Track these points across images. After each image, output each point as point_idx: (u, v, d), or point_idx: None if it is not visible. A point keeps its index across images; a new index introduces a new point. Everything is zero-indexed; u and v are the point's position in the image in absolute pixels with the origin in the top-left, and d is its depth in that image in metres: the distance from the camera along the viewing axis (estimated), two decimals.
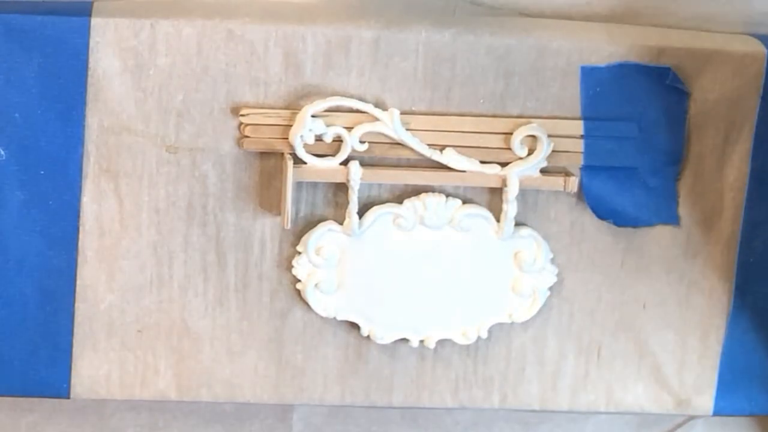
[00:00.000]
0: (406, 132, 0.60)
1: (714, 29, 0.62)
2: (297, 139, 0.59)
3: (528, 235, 0.63)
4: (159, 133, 0.60)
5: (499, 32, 0.60)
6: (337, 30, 0.59)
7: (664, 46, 0.61)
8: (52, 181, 0.60)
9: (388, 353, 0.65)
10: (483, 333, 0.64)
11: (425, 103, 0.60)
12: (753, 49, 0.61)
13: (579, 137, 0.61)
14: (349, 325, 0.64)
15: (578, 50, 0.60)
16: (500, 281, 0.64)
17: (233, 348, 0.63)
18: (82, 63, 0.58)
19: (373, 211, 0.62)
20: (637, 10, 0.62)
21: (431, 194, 0.62)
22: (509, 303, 0.64)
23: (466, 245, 0.63)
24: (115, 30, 0.58)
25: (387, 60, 0.60)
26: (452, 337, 0.64)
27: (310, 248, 0.62)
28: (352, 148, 0.60)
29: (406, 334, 0.64)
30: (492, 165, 0.61)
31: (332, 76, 0.60)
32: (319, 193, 0.62)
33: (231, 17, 0.59)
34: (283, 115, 0.60)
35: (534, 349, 0.65)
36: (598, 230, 0.63)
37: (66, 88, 0.58)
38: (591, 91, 0.61)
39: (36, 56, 0.58)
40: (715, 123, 0.62)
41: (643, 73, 0.61)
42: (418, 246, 0.63)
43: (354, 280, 0.63)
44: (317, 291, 0.63)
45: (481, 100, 0.61)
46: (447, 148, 0.61)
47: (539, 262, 0.63)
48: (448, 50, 0.60)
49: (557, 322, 0.65)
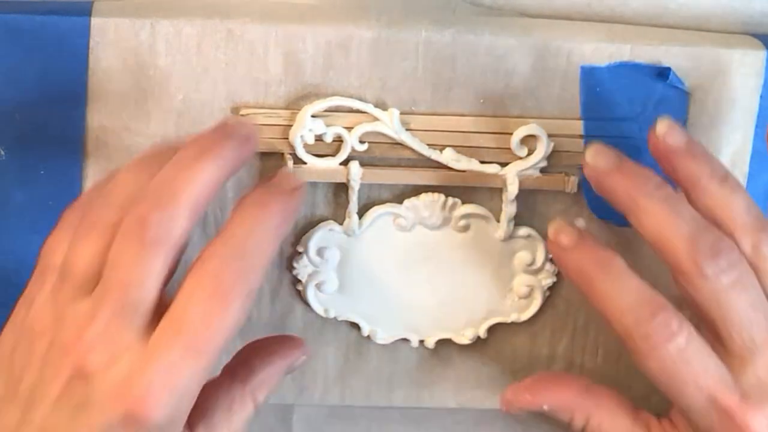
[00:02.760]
0: (406, 132, 0.60)
1: (714, 29, 0.62)
2: (297, 139, 0.59)
3: (527, 235, 0.63)
4: (159, 133, 0.60)
5: (499, 32, 0.60)
6: (337, 30, 0.59)
7: (664, 46, 0.61)
8: (52, 181, 0.60)
9: (389, 353, 0.65)
10: (483, 333, 0.64)
11: (425, 103, 0.60)
12: (753, 49, 0.61)
13: (579, 137, 0.61)
14: (350, 326, 0.64)
15: (578, 50, 0.60)
16: (500, 281, 0.64)
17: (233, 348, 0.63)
18: (82, 63, 0.58)
19: (373, 211, 0.62)
20: (637, 10, 0.62)
21: (431, 194, 0.62)
22: (509, 303, 0.64)
23: (465, 245, 0.63)
24: (115, 30, 0.58)
25: (387, 60, 0.59)
26: (452, 337, 0.64)
27: (311, 248, 0.62)
28: (352, 148, 0.60)
29: (406, 334, 0.64)
30: (492, 165, 0.61)
31: (332, 76, 0.60)
32: (319, 193, 0.62)
33: (231, 17, 0.59)
34: (283, 115, 0.60)
35: (534, 349, 0.65)
36: (598, 230, 0.63)
37: (66, 88, 0.58)
38: (591, 91, 0.61)
39: (36, 56, 0.58)
40: (715, 123, 0.62)
41: (643, 73, 0.61)
42: (418, 246, 0.63)
43: (354, 280, 0.63)
44: (318, 291, 0.63)
45: (481, 100, 0.61)
46: (447, 148, 0.61)
47: (539, 262, 0.63)
48: (449, 50, 0.60)
49: (557, 322, 0.65)
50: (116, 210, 0.51)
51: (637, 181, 0.55)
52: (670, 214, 0.54)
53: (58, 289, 0.51)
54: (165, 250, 0.49)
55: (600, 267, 0.55)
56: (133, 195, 0.50)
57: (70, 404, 0.49)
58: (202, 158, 0.50)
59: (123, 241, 0.50)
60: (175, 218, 0.49)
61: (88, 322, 0.49)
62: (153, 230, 0.49)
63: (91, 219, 0.51)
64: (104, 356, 0.49)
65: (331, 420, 0.67)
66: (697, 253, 0.53)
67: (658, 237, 0.54)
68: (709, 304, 0.54)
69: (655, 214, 0.54)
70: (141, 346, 0.49)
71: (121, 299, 0.49)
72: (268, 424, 0.66)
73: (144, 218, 0.49)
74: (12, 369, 0.51)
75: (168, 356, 0.49)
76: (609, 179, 0.56)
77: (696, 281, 0.53)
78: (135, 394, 0.49)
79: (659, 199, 0.54)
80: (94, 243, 0.51)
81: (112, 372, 0.49)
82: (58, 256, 0.52)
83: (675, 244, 0.54)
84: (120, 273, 0.49)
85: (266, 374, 0.58)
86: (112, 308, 0.49)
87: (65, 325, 0.50)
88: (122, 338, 0.49)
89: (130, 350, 0.49)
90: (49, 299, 0.51)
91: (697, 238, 0.53)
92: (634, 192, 0.55)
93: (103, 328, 0.49)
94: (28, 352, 0.51)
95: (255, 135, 0.52)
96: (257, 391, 0.57)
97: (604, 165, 0.56)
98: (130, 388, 0.49)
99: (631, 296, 0.54)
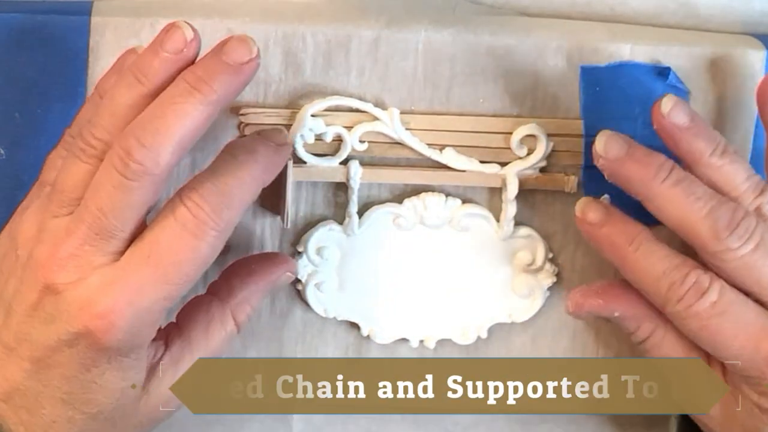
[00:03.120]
0: (405, 131, 0.60)
1: (714, 29, 0.62)
2: (297, 138, 0.59)
3: (527, 234, 0.63)
4: None
5: (499, 32, 0.60)
6: (337, 29, 0.59)
7: (664, 46, 0.61)
8: None
9: (388, 353, 0.65)
10: (483, 333, 0.64)
11: (425, 103, 0.60)
12: (753, 49, 0.61)
13: (579, 137, 0.61)
14: (349, 325, 0.64)
15: (578, 50, 0.60)
16: (500, 281, 0.64)
17: (233, 348, 0.63)
18: (81, 62, 0.58)
19: (372, 211, 0.62)
20: (637, 10, 0.62)
21: (431, 194, 0.62)
22: (509, 303, 0.64)
23: (465, 245, 0.63)
24: (114, 30, 0.58)
25: (387, 59, 0.60)
26: (452, 337, 0.64)
27: (310, 248, 0.62)
28: (352, 147, 0.60)
29: (405, 334, 0.64)
30: (492, 165, 0.61)
31: (332, 76, 0.60)
32: (319, 192, 0.62)
33: (231, 17, 0.59)
34: (283, 114, 0.60)
35: (534, 349, 0.65)
36: None
37: (66, 88, 0.58)
38: (591, 91, 0.61)
39: (36, 56, 0.58)
40: (715, 123, 0.62)
41: (643, 73, 0.61)
42: (418, 246, 0.63)
43: (354, 280, 0.63)
44: (317, 291, 0.63)
45: (481, 99, 0.61)
46: (447, 148, 0.61)
47: (539, 262, 0.63)
48: (448, 50, 0.60)
49: (557, 322, 0.65)
50: (107, 132, 0.52)
51: (649, 167, 0.56)
52: (687, 197, 0.56)
53: (46, 204, 0.54)
54: (145, 184, 0.51)
55: (629, 240, 0.57)
56: (125, 116, 0.52)
57: (41, 316, 0.52)
58: (192, 95, 0.51)
59: (106, 169, 0.51)
60: (160, 154, 0.50)
61: (62, 239, 0.52)
62: (135, 164, 0.50)
63: (84, 139, 0.53)
64: (74, 275, 0.52)
65: (331, 420, 0.66)
66: (718, 231, 0.55)
67: (679, 221, 0.56)
68: (740, 272, 0.56)
69: (672, 199, 0.56)
70: (111, 267, 0.52)
71: (96, 224, 0.51)
72: (268, 424, 0.66)
73: (129, 151, 0.50)
74: (1, 272, 0.55)
75: (134, 279, 0.51)
76: (622, 167, 0.57)
77: (724, 256, 0.55)
78: (98, 311, 0.51)
79: (673, 183, 0.56)
80: (83, 164, 0.52)
81: (79, 289, 0.51)
82: (53, 172, 0.55)
83: (696, 226, 0.55)
84: (99, 200, 0.51)
85: (247, 292, 0.59)
86: (87, 231, 0.51)
87: (43, 238, 0.53)
88: (93, 260, 0.52)
89: (100, 271, 0.52)
90: (36, 212, 0.54)
91: (715, 215, 0.55)
92: (647, 179, 0.56)
93: (76, 248, 0.52)
94: (14, 259, 0.54)
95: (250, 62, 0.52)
96: (237, 309, 0.58)
97: (616, 153, 0.57)
98: (94, 305, 0.51)
99: (663, 264, 0.57)
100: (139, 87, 0.52)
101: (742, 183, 0.57)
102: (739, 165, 0.57)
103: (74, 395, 0.53)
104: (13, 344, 0.53)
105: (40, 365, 0.53)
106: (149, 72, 0.52)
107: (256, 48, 0.52)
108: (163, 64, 0.52)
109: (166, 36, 0.52)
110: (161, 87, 0.52)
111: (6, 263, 0.55)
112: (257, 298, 0.59)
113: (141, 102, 0.52)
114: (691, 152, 0.57)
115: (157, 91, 0.52)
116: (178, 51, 0.52)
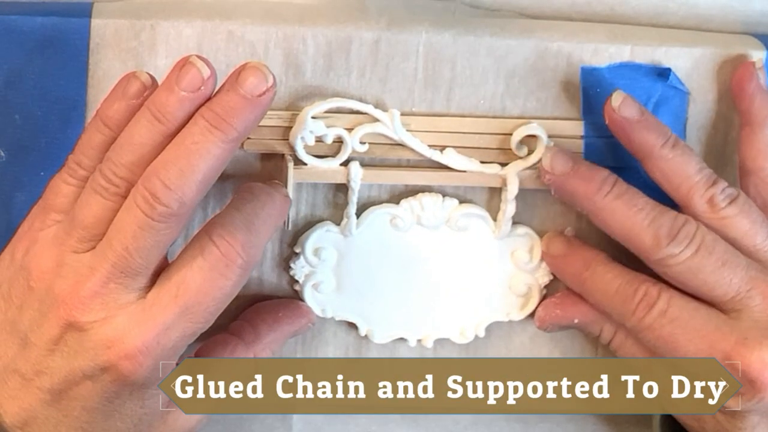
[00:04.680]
0: (406, 133, 0.60)
1: (714, 29, 0.62)
2: (297, 140, 0.59)
3: (524, 233, 0.63)
4: None
5: (499, 33, 0.60)
6: (337, 31, 0.59)
7: (664, 46, 0.61)
8: None
9: (387, 353, 0.65)
10: (480, 332, 0.64)
11: (425, 104, 0.60)
12: (753, 49, 0.61)
13: (579, 137, 0.61)
14: (349, 325, 0.64)
15: (578, 50, 0.60)
16: (497, 280, 0.64)
17: None
18: (82, 64, 0.58)
19: (369, 212, 0.62)
20: (637, 10, 0.62)
21: (428, 194, 0.62)
22: (507, 302, 0.64)
23: (463, 245, 0.63)
24: (115, 31, 0.58)
25: (387, 61, 0.59)
26: (450, 336, 0.64)
27: (308, 249, 0.62)
28: (353, 149, 0.60)
29: (403, 333, 0.64)
30: (492, 165, 0.61)
31: (332, 77, 0.60)
32: (319, 193, 0.62)
33: (231, 18, 0.59)
34: (284, 116, 0.59)
35: (532, 348, 0.65)
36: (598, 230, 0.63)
37: (66, 89, 0.58)
38: (591, 92, 0.61)
39: (36, 57, 0.58)
40: (715, 123, 0.62)
41: (643, 73, 0.61)
42: (416, 246, 0.63)
43: (351, 280, 0.63)
44: (315, 291, 0.63)
45: (481, 100, 0.61)
46: (447, 149, 0.61)
47: (536, 261, 0.63)
48: (449, 51, 0.60)
49: None
50: (128, 171, 0.52)
51: (592, 182, 0.58)
52: (629, 209, 0.58)
53: (63, 236, 0.53)
54: (171, 224, 0.51)
55: (586, 266, 0.60)
56: (146, 155, 0.52)
57: (63, 350, 0.53)
58: (213, 133, 0.51)
59: (131, 209, 0.51)
60: (185, 194, 0.51)
61: (86, 276, 0.52)
62: (162, 207, 0.51)
63: (105, 176, 0.52)
64: (100, 313, 0.52)
65: (331, 420, 0.66)
66: (660, 239, 0.57)
67: (623, 233, 0.58)
68: (686, 276, 0.57)
69: (615, 211, 0.58)
70: (137, 305, 0.52)
71: (121, 263, 0.52)
72: (268, 424, 0.66)
73: (154, 193, 0.51)
74: (9, 301, 0.54)
75: (162, 318, 0.52)
76: (567, 183, 0.59)
77: (667, 262, 0.57)
78: (126, 351, 0.52)
79: (616, 196, 0.58)
80: (105, 201, 0.52)
81: (106, 327, 0.52)
82: (61, 198, 0.54)
83: (640, 236, 0.57)
84: (124, 239, 0.51)
85: (271, 338, 0.60)
86: (111, 269, 0.52)
87: (63, 273, 0.53)
88: (119, 298, 0.52)
89: (126, 309, 0.52)
90: (53, 243, 0.54)
91: (656, 224, 0.57)
92: (591, 193, 0.58)
93: (101, 286, 0.52)
94: (27, 289, 0.54)
95: (267, 92, 0.52)
96: (260, 354, 0.60)
97: (561, 169, 0.59)
98: (122, 344, 0.52)
99: (616, 282, 0.59)
100: (159, 126, 0.52)
101: (694, 174, 0.58)
102: (691, 157, 0.58)
103: (94, 424, 0.54)
104: (31, 375, 0.54)
105: (60, 396, 0.54)
106: (166, 111, 0.52)
107: (271, 76, 0.52)
108: (181, 103, 0.52)
109: (181, 73, 0.52)
110: (180, 125, 0.52)
111: (16, 291, 0.54)
112: (280, 344, 0.61)
113: (161, 141, 0.52)
114: (642, 145, 0.58)
115: (176, 129, 0.52)
116: (195, 89, 0.52)
